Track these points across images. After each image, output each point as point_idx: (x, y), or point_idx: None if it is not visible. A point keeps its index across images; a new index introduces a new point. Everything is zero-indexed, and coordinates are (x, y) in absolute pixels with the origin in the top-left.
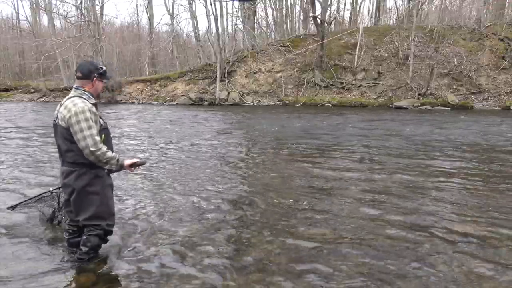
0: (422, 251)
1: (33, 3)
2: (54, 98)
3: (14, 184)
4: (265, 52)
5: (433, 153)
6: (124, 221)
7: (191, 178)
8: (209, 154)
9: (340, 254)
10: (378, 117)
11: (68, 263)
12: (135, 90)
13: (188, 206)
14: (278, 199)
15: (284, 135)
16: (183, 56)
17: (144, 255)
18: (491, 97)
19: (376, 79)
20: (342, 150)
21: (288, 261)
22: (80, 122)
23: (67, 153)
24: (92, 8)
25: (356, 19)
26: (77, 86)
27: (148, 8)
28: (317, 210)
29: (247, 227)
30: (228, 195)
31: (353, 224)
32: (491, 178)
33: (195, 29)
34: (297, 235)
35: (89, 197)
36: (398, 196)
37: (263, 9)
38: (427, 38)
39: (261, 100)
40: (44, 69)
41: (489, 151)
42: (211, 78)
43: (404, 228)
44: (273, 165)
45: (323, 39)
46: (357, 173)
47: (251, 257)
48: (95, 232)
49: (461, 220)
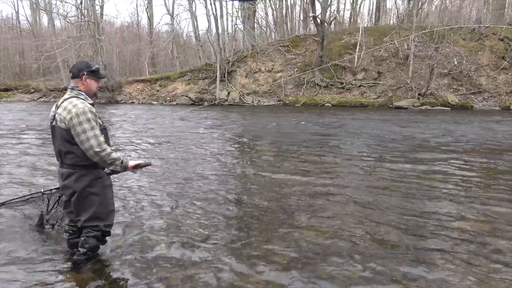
0: (423, 251)
1: (33, 3)
2: (54, 98)
3: (7, 184)
4: (265, 52)
5: (434, 153)
6: (124, 221)
7: (190, 178)
8: (209, 154)
9: (340, 254)
10: (378, 117)
11: (67, 264)
12: (135, 90)
13: (187, 205)
14: (277, 200)
15: (283, 135)
16: (183, 56)
17: (144, 254)
18: (491, 97)
19: (376, 79)
20: (342, 150)
21: (287, 261)
22: (83, 123)
23: (66, 155)
24: (92, 8)
25: (356, 19)
26: (72, 86)
27: (148, 8)
28: (317, 210)
29: (246, 226)
30: (227, 195)
31: (353, 224)
32: (490, 177)
33: (195, 29)
34: (297, 234)
35: (89, 198)
36: (398, 196)
37: (263, 9)
38: (427, 38)
39: (261, 100)
40: (44, 69)
41: (492, 150)
42: (211, 78)
43: (404, 228)
44: (273, 165)
45: (323, 40)
46: (357, 173)
47: (251, 256)
48: (92, 233)
49: (462, 220)
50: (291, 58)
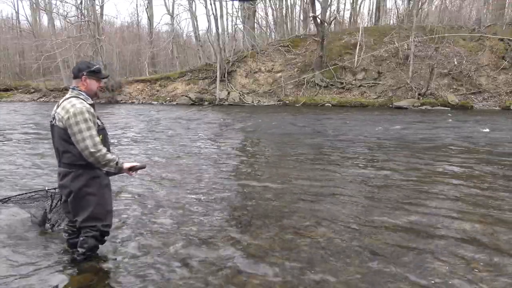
0: (423, 250)
1: (33, 3)
2: (54, 98)
3: (9, 181)
4: (265, 52)
5: (434, 153)
6: (124, 220)
7: (190, 177)
8: (209, 154)
9: (340, 254)
10: (378, 117)
11: (67, 264)
12: (135, 90)
13: (188, 205)
14: (277, 200)
15: (283, 135)
16: (183, 56)
17: (144, 253)
18: (491, 97)
19: (376, 79)
20: (342, 150)
21: (287, 261)
22: (79, 123)
23: (64, 154)
24: (92, 8)
25: (356, 19)
26: (73, 86)
27: (148, 8)
28: (317, 209)
29: (246, 226)
30: (227, 194)
31: (353, 224)
32: (491, 177)
33: (195, 29)
34: (297, 234)
35: (86, 198)
36: (398, 196)
37: (263, 9)
38: (427, 38)
39: (261, 100)
40: (44, 69)
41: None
42: (211, 78)
43: (404, 228)
44: (273, 165)
45: (323, 40)
46: (357, 173)
47: (251, 256)
48: (91, 233)
49: (462, 220)
50: (291, 58)
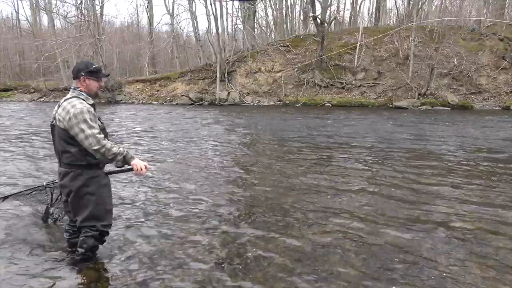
0: (423, 251)
1: (33, 3)
2: (54, 98)
3: (9, 178)
4: (265, 52)
5: (434, 152)
6: (124, 220)
7: (191, 177)
8: (209, 154)
9: (340, 254)
10: (378, 117)
11: (67, 264)
12: (135, 90)
13: (189, 205)
14: (277, 199)
15: (283, 135)
16: (183, 56)
17: (144, 254)
18: (491, 97)
19: (376, 79)
20: (342, 150)
21: (288, 260)
22: (80, 123)
23: (63, 154)
24: (92, 8)
25: (356, 19)
26: (74, 86)
27: (148, 8)
28: (317, 209)
29: (246, 226)
30: (227, 194)
31: (353, 224)
32: (491, 177)
33: (195, 29)
34: (297, 234)
35: (85, 198)
36: (398, 196)
37: (263, 9)
38: (427, 38)
39: (261, 100)
40: (44, 69)
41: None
42: (211, 78)
43: (404, 228)
44: (273, 165)
45: (323, 40)
46: (357, 173)
47: (251, 256)
48: (90, 233)
49: (462, 221)
50: (291, 58)
